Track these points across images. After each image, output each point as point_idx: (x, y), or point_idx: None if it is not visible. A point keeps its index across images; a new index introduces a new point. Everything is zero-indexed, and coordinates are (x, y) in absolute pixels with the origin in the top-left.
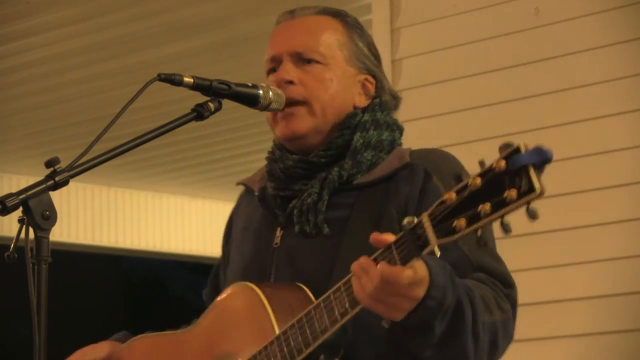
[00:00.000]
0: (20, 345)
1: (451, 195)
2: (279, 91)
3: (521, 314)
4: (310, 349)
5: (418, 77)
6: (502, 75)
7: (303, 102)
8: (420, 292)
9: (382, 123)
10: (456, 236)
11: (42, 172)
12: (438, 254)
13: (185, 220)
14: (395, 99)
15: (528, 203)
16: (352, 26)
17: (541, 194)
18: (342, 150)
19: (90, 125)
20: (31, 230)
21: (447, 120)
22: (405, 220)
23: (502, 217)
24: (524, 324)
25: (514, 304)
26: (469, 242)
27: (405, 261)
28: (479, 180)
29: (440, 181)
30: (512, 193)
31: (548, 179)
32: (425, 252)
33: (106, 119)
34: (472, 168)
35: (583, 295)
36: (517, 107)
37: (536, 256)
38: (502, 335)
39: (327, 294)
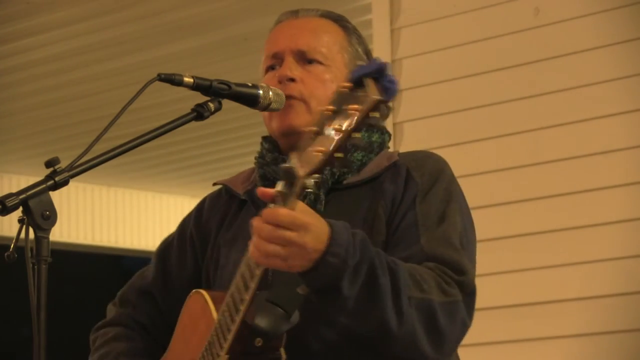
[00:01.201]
0: (20, 345)
1: (312, 129)
2: (279, 91)
3: (517, 314)
4: (235, 325)
5: (418, 77)
6: (502, 75)
7: (301, 100)
8: (310, 240)
9: (374, 125)
10: (317, 162)
11: (42, 172)
12: (310, 185)
13: None
14: (387, 108)
15: (368, 112)
16: (352, 32)
17: (379, 101)
18: None
19: (90, 125)
20: (31, 230)
21: (447, 120)
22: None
23: (350, 133)
24: (519, 325)
25: (468, 292)
26: (429, 236)
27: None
28: (331, 107)
29: (419, 176)
30: (353, 106)
31: (548, 179)
32: (296, 187)
33: (106, 119)
34: (471, 168)
35: (579, 295)
36: (517, 107)
37: (535, 256)
38: (444, 317)
39: (241, 267)
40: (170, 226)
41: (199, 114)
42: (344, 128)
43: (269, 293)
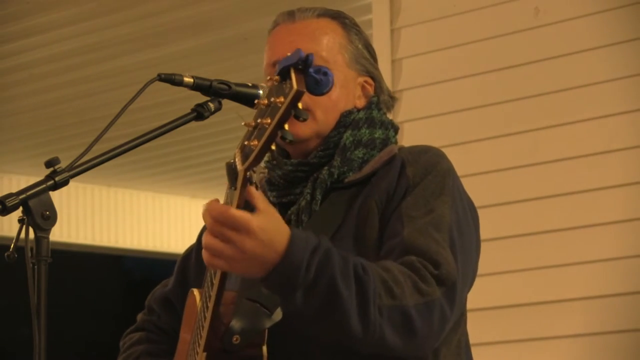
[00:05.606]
0: (20, 345)
1: (249, 123)
2: None
3: (516, 314)
4: (207, 323)
5: (418, 77)
6: (502, 75)
7: (306, 109)
8: (252, 247)
9: (377, 122)
10: (252, 155)
11: (42, 172)
12: (253, 177)
13: (185, 220)
14: (392, 99)
15: (294, 104)
16: (351, 28)
17: (297, 92)
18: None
19: (90, 125)
20: (31, 230)
21: (447, 120)
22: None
23: (278, 125)
24: (519, 325)
25: (448, 285)
26: (412, 227)
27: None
28: (263, 101)
29: (412, 170)
30: (279, 98)
31: (548, 179)
32: (238, 182)
33: (106, 119)
34: (471, 168)
35: (579, 295)
36: (517, 107)
37: (534, 257)
38: (420, 319)
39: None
40: (170, 226)
41: (199, 114)
42: (272, 120)
43: (251, 290)
